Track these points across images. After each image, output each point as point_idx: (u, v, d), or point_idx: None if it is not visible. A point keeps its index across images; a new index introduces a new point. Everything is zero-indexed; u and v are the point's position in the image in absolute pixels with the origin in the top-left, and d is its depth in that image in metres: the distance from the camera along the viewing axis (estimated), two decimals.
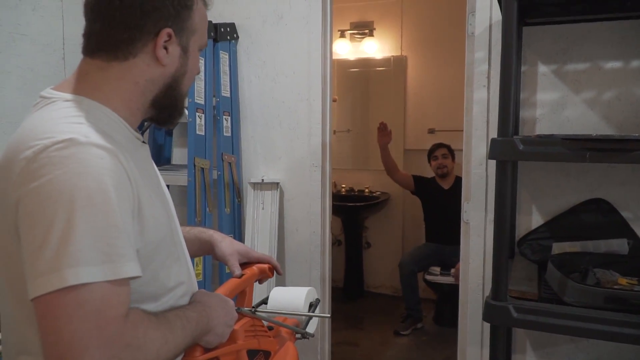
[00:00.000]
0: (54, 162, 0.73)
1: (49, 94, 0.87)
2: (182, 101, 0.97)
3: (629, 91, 1.89)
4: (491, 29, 2.02)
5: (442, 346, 3.41)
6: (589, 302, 1.47)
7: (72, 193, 0.72)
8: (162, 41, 0.87)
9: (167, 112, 0.96)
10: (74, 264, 0.70)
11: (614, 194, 1.92)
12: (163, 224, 0.91)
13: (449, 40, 3.94)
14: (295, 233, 2.43)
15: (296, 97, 2.39)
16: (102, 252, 0.72)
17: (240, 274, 1.17)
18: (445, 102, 4.06)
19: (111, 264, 0.73)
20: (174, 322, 0.85)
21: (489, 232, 2.09)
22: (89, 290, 0.70)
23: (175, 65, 0.91)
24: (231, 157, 2.37)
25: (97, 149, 0.76)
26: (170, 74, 0.91)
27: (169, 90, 0.93)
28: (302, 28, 2.36)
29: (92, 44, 0.88)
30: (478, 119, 2.07)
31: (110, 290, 0.72)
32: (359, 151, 4.46)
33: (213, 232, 1.23)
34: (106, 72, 0.88)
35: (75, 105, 0.83)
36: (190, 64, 0.94)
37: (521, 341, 2.07)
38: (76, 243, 0.70)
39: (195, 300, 0.97)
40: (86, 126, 0.79)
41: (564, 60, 1.95)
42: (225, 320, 0.97)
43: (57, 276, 0.69)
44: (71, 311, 0.69)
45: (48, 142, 0.75)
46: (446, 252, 3.65)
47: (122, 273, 0.74)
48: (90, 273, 0.71)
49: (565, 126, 1.97)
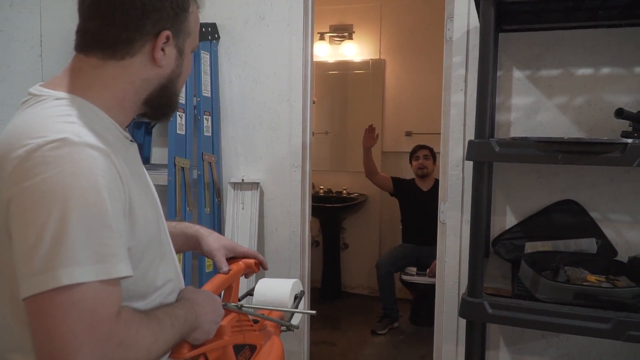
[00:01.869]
0: (47, 162, 0.73)
1: (38, 91, 0.86)
2: (175, 100, 0.99)
3: (599, 97, 1.96)
4: (469, 34, 2.08)
5: (418, 345, 3.46)
6: (559, 298, 1.53)
7: (66, 193, 0.72)
8: (161, 43, 0.89)
9: (161, 110, 0.98)
10: (68, 264, 0.70)
11: (584, 195, 2.00)
12: (152, 223, 0.92)
13: (426, 45, 4.01)
14: (275, 233, 2.45)
15: (277, 98, 2.41)
16: (95, 252, 0.73)
17: (227, 270, 1.19)
18: (422, 106, 4.13)
19: (104, 264, 0.73)
20: (163, 320, 0.86)
21: (464, 232, 2.14)
22: (82, 289, 0.71)
23: (171, 66, 0.93)
24: (211, 156, 2.38)
25: (91, 149, 0.77)
26: (165, 75, 0.93)
27: (163, 90, 0.94)
28: (283, 29, 2.38)
29: (88, 42, 0.88)
30: (455, 122, 2.13)
31: (103, 289, 0.73)
32: (337, 153, 4.50)
33: (199, 227, 1.24)
34: (101, 70, 0.88)
35: (67, 104, 0.83)
36: (185, 66, 0.96)
37: (495, 338, 2.13)
38: (70, 243, 0.71)
39: (183, 298, 0.99)
40: (79, 126, 0.79)
41: (538, 66, 2.02)
42: (212, 317, 0.98)
43: (50, 276, 0.70)
44: (64, 310, 0.70)
45: (41, 141, 0.75)
46: (422, 253, 3.71)
47: (114, 273, 0.75)
48: (84, 273, 0.71)
49: (538, 130, 2.03)
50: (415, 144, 3.90)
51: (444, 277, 2.23)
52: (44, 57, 2.36)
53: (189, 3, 0.93)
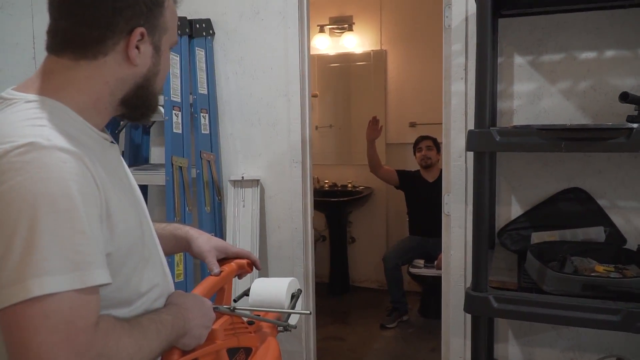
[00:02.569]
0: (15, 168, 0.70)
1: (9, 94, 0.83)
2: (154, 99, 0.94)
3: (604, 81, 1.90)
4: (467, 21, 2.03)
5: (429, 338, 3.42)
6: (567, 290, 1.49)
7: (35, 199, 0.69)
8: (135, 40, 0.84)
9: (139, 111, 0.94)
10: (39, 273, 0.67)
11: (591, 183, 1.94)
12: (134, 227, 0.88)
13: (427, 33, 3.95)
14: (277, 230, 2.42)
15: (275, 93, 2.37)
16: (68, 260, 0.69)
17: (219, 271, 1.16)
18: (425, 96, 4.07)
19: (78, 272, 0.70)
20: (148, 327, 0.83)
21: (469, 223, 2.09)
22: (57, 300, 0.68)
23: (147, 64, 0.89)
24: (210, 155, 2.35)
25: (61, 152, 0.73)
26: (141, 74, 0.89)
27: (139, 90, 0.90)
28: (279, 23, 2.34)
29: (59, 42, 0.85)
30: (456, 112, 2.08)
31: (79, 299, 0.70)
32: (341, 146, 4.46)
33: (189, 229, 1.21)
34: (74, 71, 0.84)
35: (38, 107, 0.80)
36: (163, 63, 0.92)
37: (503, 330, 2.09)
38: (40, 251, 0.67)
39: (171, 303, 0.95)
40: (49, 128, 0.76)
41: (540, 51, 1.96)
42: (202, 321, 0.95)
43: (21, 287, 0.67)
44: (38, 322, 0.67)
45: (8, 147, 0.72)
46: (430, 245, 3.67)
47: (90, 281, 0.71)
48: (56, 282, 0.68)
49: (542, 117, 1.98)
50: (419, 134, 3.85)
51: (449, 270, 2.20)
52: (37, 60, 2.33)
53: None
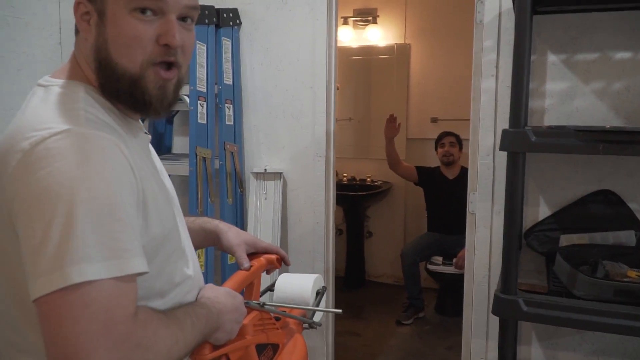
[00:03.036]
0: (52, 154, 0.70)
1: (45, 81, 0.83)
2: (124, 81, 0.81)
3: (638, 82, 1.86)
4: (500, 17, 1.99)
5: (445, 335, 3.41)
6: (598, 295, 1.46)
7: (73, 185, 0.68)
8: (78, 13, 0.82)
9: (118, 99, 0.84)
10: (77, 260, 0.66)
11: (621, 186, 1.90)
12: (167, 217, 0.88)
13: (453, 28, 3.90)
14: (299, 224, 2.41)
15: (300, 85, 2.35)
16: (106, 247, 0.68)
17: (249, 266, 1.15)
18: (448, 91, 4.03)
19: (117, 259, 0.69)
20: (184, 320, 0.82)
21: (495, 223, 2.07)
22: (96, 288, 0.67)
23: (93, 34, 0.81)
24: (233, 146, 2.34)
25: (98, 138, 0.73)
26: (90, 46, 0.82)
27: (100, 68, 0.82)
28: (306, 14, 2.31)
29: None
30: (486, 109, 2.04)
31: (118, 287, 0.69)
32: (360, 140, 4.43)
33: (218, 222, 1.20)
34: (76, 49, 0.86)
35: (70, 92, 0.80)
36: (111, 30, 0.79)
37: (527, 332, 2.06)
38: (78, 238, 0.67)
39: (204, 296, 0.94)
40: (84, 115, 0.76)
41: (574, 49, 1.92)
42: (234, 316, 0.94)
43: (59, 275, 0.66)
44: (77, 311, 0.66)
45: (46, 134, 0.71)
46: (448, 242, 3.64)
47: (128, 269, 0.70)
48: (95, 270, 0.67)
49: (574, 117, 1.94)
50: (441, 130, 3.81)
51: (473, 270, 2.16)
52: (63, 45, 2.33)
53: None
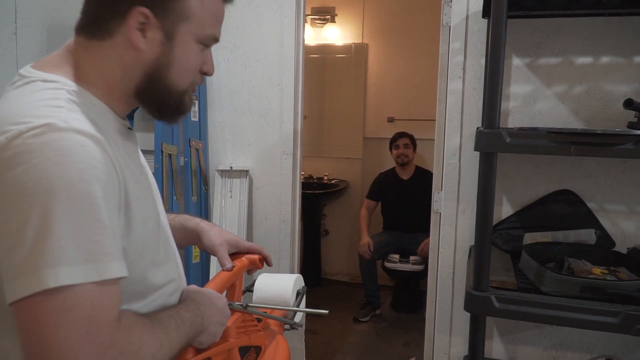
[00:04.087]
0: (30, 150, 0.65)
1: (27, 72, 0.78)
2: (174, 97, 0.85)
3: (598, 86, 1.95)
4: (468, 20, 2.03)
5: (401, 332, 3.46)
6: (565, 292, 1.52)
7: (51, 184, 0.64)
8: (134, 21, 0.78)
9: (154, 107, 0.86)
10: (53, 263, 0.63)
11: (581, 186, 1.99)
12: (151, 218, 0.84)
13: (411, 29, 3.95)
14: (265, 222, 2.38)
15: (267, 83, 2.32)
16: (85, 249, 0.65)
17: (231, 266, 1.12)
18: (405, 91, 4.09)
19: (95, 263, 0.66)
20: (168, 323, 0.79)
21: (460, 221, 2.11)
22: (78, 293, 0.64)
23: (156, 52, 0.80)
24: (199, 142, 2.29)
25: (79, 135, 0.68)
26: (148, 62, 0.81)
27: (152, 83, 0.82)
28: (274, 11, 2.29)
29: (79, 20, 0.82)
30: (452, 110, 2.08)
31: (100, 292, 0.66)
32: (316, 138, 4.42)
33: (200, 221, 1.16)
34: (87, 51, 0.80)
35: (55, 87, 0.75)
36: (178, 55, 0.82)
37: (488, 328, 2.11)
38: (55, 240, 0.63)
39: (188, 299, 0.91)
40: (67, 110, 0.71)
41: (538, 54, 1.99)
42: (218, 318, 0.92)
43: (34, 277, 0.62)
44: (59, 317, 0.63)
45: (23, 128, 0.67)
46: (404, 240, 3.71)
47: (107, 274, 0.67)
48: (71, 274, 0.64)
49: (537, 119, 2.01)
50: (397, 130, 3.87)
51: (437, 267, 2.20)
52: (18, 35, 2.21)
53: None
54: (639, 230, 1.94)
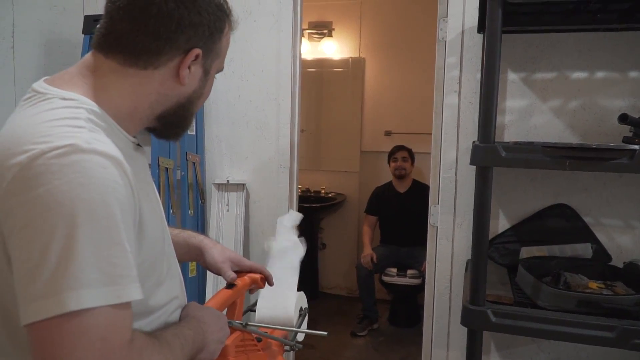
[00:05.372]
0: (52, 171, 0.65)
1: (43, 88, 0.78)
2: (191, 120, 0.93)
3: (593, 101, 1.96)
4: (463, 35, 2.05)
5: (399, 346, 3.44)
6: (562, 306, 1.51)
7: (74, 206, 0.64)
8: (189, 60, 0.82)
9: (172, 130, 0.91)
10: (75, 286, 0.63)
11: (577, 200, 1.99)
12: (159, 238, 0.85)
13: (407, 44, 3.98)
14: (261, 236, 2.37)
15: (264, 96, 2.33)
16: (104, 273, 0.65)
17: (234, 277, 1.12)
18: (402, 105, 4.10)
19: (114, 286, 0.66)
20: (173, 342, 0.80)
21: (457, 235, 2.11)
22: (93, 315, 0.64)
23: (194, 86, 0.86)
24: (195, 156, 2.29)
25: (101, 157, 0.68)
26: (186, 95, 0.86)
27: (180, 109, 0.87)
28: (271, 25, 2.30)
29: (111, 43, 0.80)
30: (448, 124, 2.09)
31: (115, 314, 0.66)
32: (313, 152, 4.43)
33: (203, 238, 1.17)
34: (119, 75, 0.80)
35: (75, 105, 0.75)
36: (207, 87, 0.91)
37: (486, 342, 2.11)
38: (77, 263, 0.63)
39: (189, 316, 0.91)
40: (87, 131, 0.71)
41: (533, 68, 2.00)
42: (218, 336, 0.92)
43: (56, 301, 0.62)
44: (74, 339, 0.63)
45: (45, 147, 0.66)
46: (402, 254, 3.70)
47: (125, 296, 0.67)
48: (92, 297, 0.64)
49: (532, 133, 2.02)
50: (394, 143, 3.88)
51: (433, 281, 2.20)
52: (15, 50, 2.21)
53: (225, 24, 0.87)
54: (635, 245, 1.94)
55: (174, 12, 0.78)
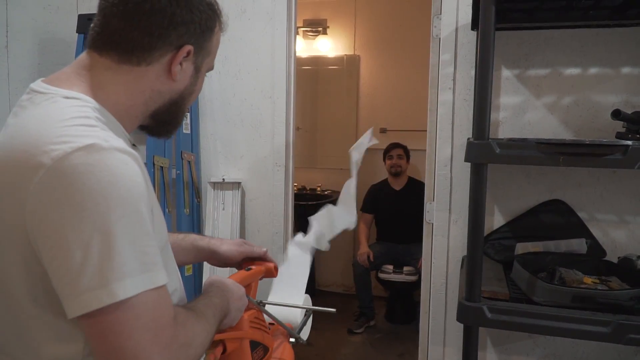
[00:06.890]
0: (80, 171, 0.68)
1: (42, 88, 0.79)
2: (182, 117, 0.96)
3: (587, 97, 1.97)
4: (457, 32, 2.05)
5: (396, 343, 3.45)
6: (557, 302, 1.52)
7: (108, 204, 0.68)
8: (181, 57, 0.85)
9: (165, 127, 0.94)
10: (120, 277, 0.68)
11: (571, 196, 2.00)
12: (164, 230, 0.89)
13: (402, 41, 3.99)
14: (257, 234, 2.38)
15: (259, 95, 2.33)
16: (141, 262, 0.71)
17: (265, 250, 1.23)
18: (397, 102, 4.11)
19: (149, 272, 0.72)
20: (207, 312, 0.87)
21: (452, 232, 2.12)
22: (142, 300, 0.70)
23: (185, 83, 0.89)
24: (191, 155, 2.29)
25: (121, 154, 0.72)
26: (178, 91, 0.89)
27: (172, 106, 0.90)
28: (265, 23, 2.30)
29: (105, 41, 0.82)
30: (443, 121, 2.10)
31: (158, 297, 0.73)
32: (309, 149, 4.44)
33: (210, 238, 1.21)
34: (114, 72, 0.82)
35: (80, 104, 0.77)
36: (199, 84, 0.93)
37: (482, 338, 2.12)
38: (118, 256, 0.68)
39: (213, 285, 0.98)
40: (99, 129, 0.74)
41: (527, 65, 2.01)
42: (238, 305, 1.00)
43: (106, 292, 0.67)
44: (130, 324, 0.69)
45: (68, 148, 0.69)
46: (398, 251, 3.70)
47: (159, 280, 0.73)
48: (136, 284, 0.69)
49: (526, 130, 2.03)
50: (390, 141, 3.88)
51: (430, 278, 2.21)
52: (9, 49, 2.20)
53: (215, 23, 0.89)
54: (629, 240, 1.95)
55: (166, 9, 0.80)
